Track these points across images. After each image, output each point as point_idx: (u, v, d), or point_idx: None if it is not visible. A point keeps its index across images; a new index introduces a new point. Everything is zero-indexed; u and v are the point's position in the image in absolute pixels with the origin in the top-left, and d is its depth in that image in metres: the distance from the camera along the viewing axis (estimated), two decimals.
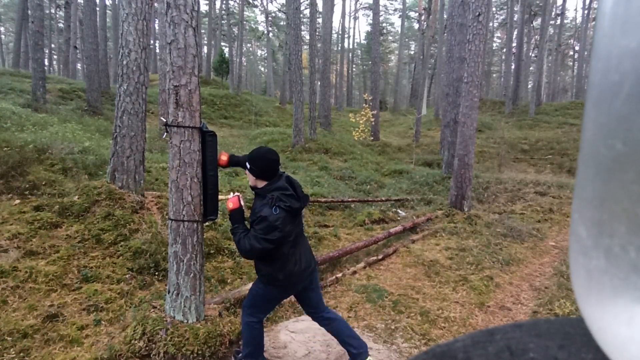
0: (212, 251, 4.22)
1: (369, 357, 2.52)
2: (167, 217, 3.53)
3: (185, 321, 2.68)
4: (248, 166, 2.29)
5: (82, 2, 15.14)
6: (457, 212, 6.71)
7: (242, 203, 2.38)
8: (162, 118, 2.72)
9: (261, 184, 2.29)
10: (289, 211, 2.18)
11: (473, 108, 6.69)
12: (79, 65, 28.27)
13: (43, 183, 4.43)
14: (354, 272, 4.38)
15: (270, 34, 34.69)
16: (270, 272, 2.29)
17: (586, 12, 30.37)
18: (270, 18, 32.24)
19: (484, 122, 18.48)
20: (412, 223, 6.09)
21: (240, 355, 2.50)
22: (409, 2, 34.90)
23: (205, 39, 28.97)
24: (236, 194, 2.41)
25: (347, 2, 48.36)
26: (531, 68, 28.07)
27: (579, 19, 36.50)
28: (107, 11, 20.96)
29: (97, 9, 13.77)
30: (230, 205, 2.34)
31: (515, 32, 24.63)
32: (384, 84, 40.75)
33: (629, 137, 0.15)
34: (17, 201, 4.08)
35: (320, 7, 18.38)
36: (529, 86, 30.65)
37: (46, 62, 24.52)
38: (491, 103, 24.85)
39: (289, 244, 2.26)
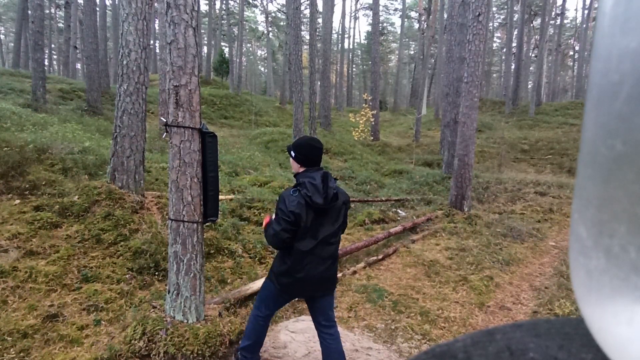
0: (212, 251, 4.22)
1: None
2: (167, 217, 3.53)
3: (185, 321, 2.68)
4: (293, 154, 2.28)
5: (82, 2, 15.14)
6: (457, 212, 6.71)
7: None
8: (162, 118, 2.72)
9: (301, 170, 2.28)
10: (308, 201, 2.12)
11: (473, 108, 6.69)
12: (79, 65, 28.27)
13: (43, 183, 4.43)
14: (354, 272, 4.38)
15: (270, 34, 34.68)
16: (277, 270, 2.26)
17: (586, 12, 30.36)
18: (270, 18, 32.23)
19: (484, 122, 18.49)
20: (412, 223, 6.09)
21: (238, 346, 2.49)
22: (409, 2, 34.90)
23: (205, 39, 28.97)
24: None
25: (347, 2, 48.43)
26: (531, 68, 28.08)
27: (579, 19, 36.50)
28: (107, 11, 20.96)
29: (97, 9, 13.76)
30: (265, 222, 2.35)
31: (515, 32, 24.63)
32: (384, 84, 40.75)
33: (629, 137, 0.15)
34: (17, 201, 4.08)
35: (320, 7, 18.38)
36: (529, 86, 30.66)
37: (46, 62, 24.50)
38: (491, 103, 24.85)
39: (311, 242, 2.16)
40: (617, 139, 0.15)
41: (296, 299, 2.41)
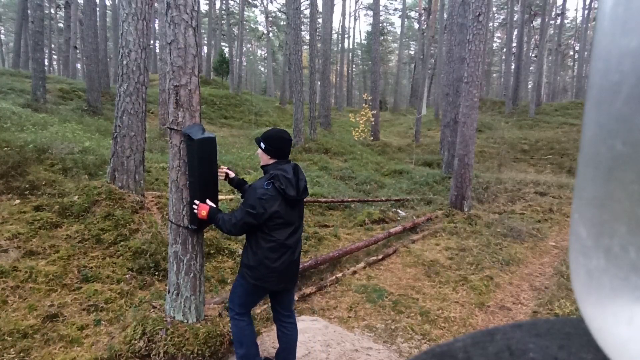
0: (212, 251, 4.22)
1: None
2: (167, 217, 3.53)
3: (185, 321, 2.68)
4: (262, 146, 2.30)
5: (82, 2, 15.14)
6: (457, 212, 6.71)
7: (209, 203, 2.41)
8: (167, 125, 2.68)
9: (270, 162, 2.31)
10: (282, 194, 2.16)
11: (473, 108, 6.69)
12: (79, 65, 28.25)
13: (43, 183, 4.43)
14: (354, 272, 4.38)
15: (270, 34, 34.69)
16: (251, 263, 2.21)
17: (586, 12, 30.38)
18: (270, 18, 32.25)
19: (484, 122, 18.47)
20: (412, 223, 6.09)
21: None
22: (409, 2, 34.89)
23: (205, 39, 28.98)
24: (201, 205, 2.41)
25: (347, 2, 48.40)
26: (531, 68, 28.07)
27: (579, 19, 36.51)
28: (107, 11, 20.96)
29: (97, 9, 13.77)
30: (203, 212, 2.35)
31: (515, 32, 24.64)
32: (384, 84, 40.74)
33: (629, 137, 0.15)
34: (17, 201, 4.08)
35: (320, 7, 18.39)
36: (529, 86, 30.66)
37: (46, 62, 24.48)
38: (491, 103, 24.83)
39: (285, 232, 2.21)
40: (617, 139, 0.15)
41: (275, 287, 2.32)
